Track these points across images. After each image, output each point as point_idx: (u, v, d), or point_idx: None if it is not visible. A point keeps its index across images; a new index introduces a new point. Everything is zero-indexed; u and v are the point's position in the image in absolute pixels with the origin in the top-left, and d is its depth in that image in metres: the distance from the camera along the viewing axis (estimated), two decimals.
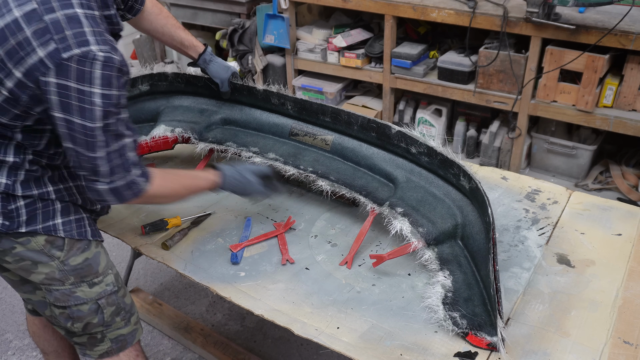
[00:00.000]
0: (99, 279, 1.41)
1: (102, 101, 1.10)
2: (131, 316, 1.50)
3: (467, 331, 1.29)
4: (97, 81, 1.09)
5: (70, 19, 1.08)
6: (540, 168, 3.15)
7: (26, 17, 1.06)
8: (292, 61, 3.62)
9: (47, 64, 1.06)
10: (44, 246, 1.31)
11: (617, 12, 2.63)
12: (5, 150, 1.22)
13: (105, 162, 1.17)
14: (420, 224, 1.50)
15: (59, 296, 1.37)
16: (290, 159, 1.77)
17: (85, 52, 1.07)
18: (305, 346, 2.25)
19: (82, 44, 1.07)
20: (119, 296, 1.45)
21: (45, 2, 1.07)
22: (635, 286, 1.44)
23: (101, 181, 1.20)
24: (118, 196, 1.24)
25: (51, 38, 1.06)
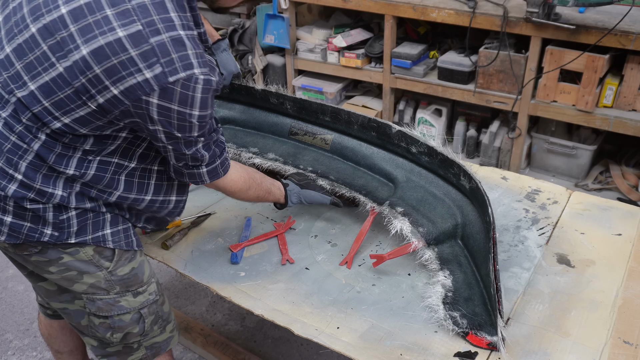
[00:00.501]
0: (144, 288, 1.39)
1: (199, 121, 1.15)
2: (167, 324, 1.48)
3: (467, 331, 1.29)
4: (197, 104, 1.12)
5: (175, 42, 1.07)
6: (540, 168, 3.15)
7: (131, 38, 1.04)
8: (292, 61, 3.62)
9: (153, 85, 1.06)
10: (92, 257, 1.30)
11: (617, 12, 2.63)
12: (68, 161, 1.19)
13: (205, 151, 1.25)
14: (420, 224, 1.50)
15: (102, 305, 1.35)
16: (289, 158, 1.77)
17: (190, 76, 1.08)
18: (305, 346, 2.25)
19: (187, 67, 1.08)
20: (159, 304, 1.44)
21: (151, 24, 1.06)
22: (635, 286, 1.44)
23: (202, 165, 1.28)
24: (214, 175, 1.33)
25: (158, 61, 1.05)
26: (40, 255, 1.27)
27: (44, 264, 1.29)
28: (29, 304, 2.53)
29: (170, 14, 1.08)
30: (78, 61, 1.05)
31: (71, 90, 1.08)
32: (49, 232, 1.23)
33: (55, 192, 1.20)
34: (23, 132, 1.15)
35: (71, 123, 1.12)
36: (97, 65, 1.05)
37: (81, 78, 1.06)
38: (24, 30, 1.10)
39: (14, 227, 1.21)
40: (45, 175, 1.19)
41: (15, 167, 1.17)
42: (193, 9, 1.17)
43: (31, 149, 1.16)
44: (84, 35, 1.05)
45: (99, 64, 1.05)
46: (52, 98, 1.10)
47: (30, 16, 1.09)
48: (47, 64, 1.08)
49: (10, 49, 1.12)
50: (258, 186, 1.50)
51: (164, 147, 1.20)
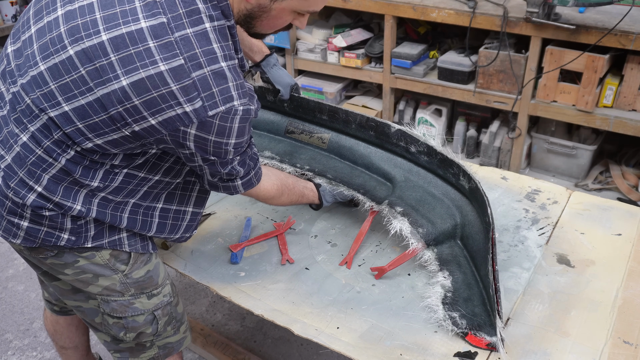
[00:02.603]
0: (158, 290, 1.39)
1: (235, 148, 1.17)
2: (181, 325, 1.48)
3: (466, 331, 1.29)
4: (234, 134, 1.13)
5: (216, 75, 1.07)
6: (540, 168, 3.15)
7: (173, 72, 1.03)
8: (292, 61, 3.62)
9: (192, 118, 1.06)
10: (108, 260, 1.29)
11: (617, 12, 2.63)
12: (94, 174, 1.17)
13: (240, 167, 1.26)
14: (419, 224, 1.50)
15: (116, 307, 1.35)
16: (286, 157, 1.77)
17: (229, 109, 1.08)
18: (305, 346, 2.24)
19: (226, 100, 1.08)
20: (173, 305, 1.44)
21: (193, 57, 1.04)
22: (635, 286, 1.44)
23: (237, 177, 1.29)
24: (248, 185, 1.34)
25: (198, 95, 1.05)
26: (56, 258, 1.27)
27: (59, 267, 1.29)
28: (29, 304, 2.53)
29: (213, 45, 1.07)
30: (117, 91, 1.04)
31: (107, 116, 1.07)
32: (65, 236, 1.22)
33: (74, 207, 1.18)
34: (51, 147, 1.13)
35: (103, 144, 1.12)
36: (136, 97, 1.04)
37: (118, 107, 1.05)
38: (61, 51, 1.08)
39: (30, 232, 1.20)
40: (67, 188, 1.17)
41: (37, 179, 1.15)
42: (233, 36, 1.16)
43: (58, 162, 1.14)
44: (124, 66, 1.03)
45: (138, 95, 1.04)
46: (86, 121, 1.09)
47: (68, 37, 1.07)
48: (84, 88, 1.07)
49: (45, 67, 1.10)
50: (290, 191, 1.51)
51: (200, 166, 1.21)
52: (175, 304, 1.45)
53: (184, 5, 1.06)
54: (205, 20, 1.07)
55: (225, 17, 1.12)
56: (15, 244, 1.26)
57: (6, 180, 1.17)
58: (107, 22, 1.05)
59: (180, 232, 1.41)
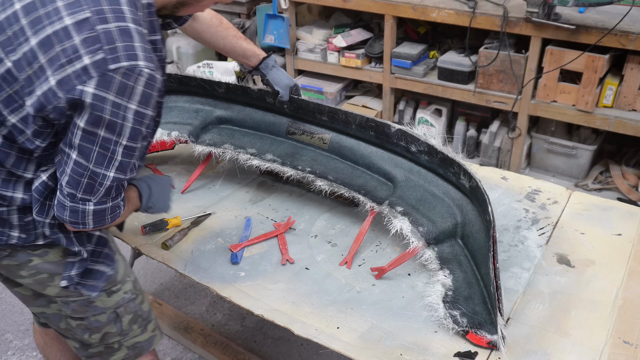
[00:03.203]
0: (117, 287, 1.37)
1: (134, 118, 1.08)
2: (148, 323, 1.47)
3: (467, 329, 1.29)
4: (137, 97, 1.06)
5: (122, 31, 1.04)
6: (540, 168, 3.15)
7: (78, 25, 1.02)
8: (292, 61, 3.62)
9: (91, 72, 1.02)
10: (62, 257, 1.28)
11: (617, 12, 2.63)
12: (26, 165, 1.16)
13: (108, 183, 1.13)
14: (420, 223, 1.50)
15: (76, 307, 1.33)
16: (288, 159, 1.77)
17: (133, 66, 1.04)
18: (305, 346, 2.24)
19: (131, 57, 1.04)
20: (137, 303, 1.42)
21: (100, 12, 1.04)
22: (635, 286, 1.44)
23: (91, 201, 1.14)
24: (99, 219, 1.18)
25: (101, 48, 1.02)
26: (11, 258, 1.26)
27: (15, 268, 1.28)
28: None
29: (122, 7, 1.07)
30: (27, 52, 1.04)
31: (18, 85, 1.06)
32: (15, 234, 1.21)
33: (15, 196, 1.17)
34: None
35: (18, 122, 1.09)
36: (42, 55, 1.03)
37: (27, 70, 1.05)
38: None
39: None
40: (4, 180, 1.16)
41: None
42: (151, 14, 1.16)
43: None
44: (34, 26, 1.04)
45: (44, 53, 1.03)
46: (0, 95, 1.08)
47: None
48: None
49: None
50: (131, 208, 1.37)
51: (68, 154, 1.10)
52: (140, 301, 1.44)
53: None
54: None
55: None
56: None
57: None
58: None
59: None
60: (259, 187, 1.93)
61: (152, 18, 1.16)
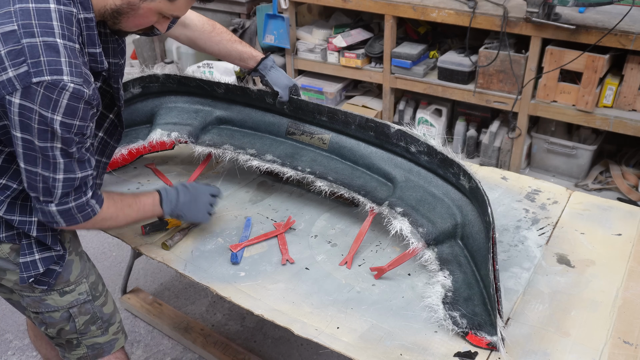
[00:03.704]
0: (71, 287, 1.39)
1: (62, 128, 1.11)
2: (110, 326, 1.48)
3: (467, 330, 1.29)
4: (61, 109, 1.09)
5: (47, 47, 1.07)
6: (540, 168, 3.15)
7: (4, 36, 1.06)
8: (292, 61, 3.62)
9: (15, 84, 1.05)
10: (9, 254, 1.30)
11: (617, 12, 2.63)
12: None
13: (60, 184, 1.18)
14: (420, 224, 1.50)
15: (30, 302, 1.37)
16: (287, 159, 1.77)
17: (56, 81, 1.07)
18: (305, 346, 2.24)
19: (54, 72, 1.07)
20: (96, 305, 1.44)
21: (27, 26, 1.07)
22: (635, 286, 1.44)
23: (53, 202, 1.20)
24: (68, 218, 1.23)
25: (25, 61, 1.05)
26: None
27: None
28: None
29: (53, 22, 1.09)
30: None
31: None
32: None
33: None
34: None
35: None
36: None
37: None
38: None
39: None
40: None
41: None
42: (90, 28, 1.18)
43: None
44: None
45: None
46: None
47: None
48: None
49: None
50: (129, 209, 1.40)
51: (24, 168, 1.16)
52: (100, 304, 1.45)
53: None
54: (51, 2, 1.10)
55: (84, 9, 1.15)
56: None
57: None
58: None
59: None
60: (259, 187, 1.93)
61: (91, 32, 1.19)
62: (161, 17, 1.25)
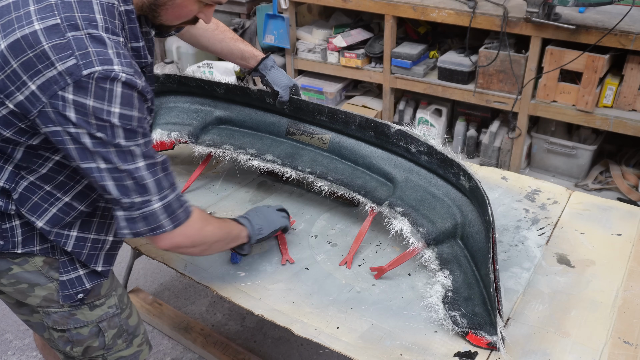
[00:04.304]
0: (101, 301, 1.33)
1: (122, 122, 1.04)
2: (134, 338, 1.43)
3: (467, 330, 1.29)
4: (117, 99, 1.03)
5: (93, 39, 1.03)
6: (540, 168, 3.15)
7: (47, 31, 1.01)
8: (292, 61, 3.62)
9: (66, 78, 1.00)
10: (41, 267, 1.25)
11: (617, 12, 2.63)
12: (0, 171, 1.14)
13: (147, 172, 1.09)
14: (420, 224, 1.50)
15: (57, 319, 1.30)
16: (287, 160, 1.77)
17: (107, 71, 1.01)
18: (305, 346, 2.24)
19: (104, 62, 1.01)
20: (122, 318, 1.39)
21: (70, 18, 1.02)
22: (635, 286, 1.44)
23: (152, 200, 1.11)
24: (173, 216, 1.14)
25: (72, 54, 1.00)
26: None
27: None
28: None
29: (95, 15, 1.05)
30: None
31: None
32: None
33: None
34: None
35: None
36: (14, 60, 1.02)
37: (0, 74, 1.04)
38: None
39: None
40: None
41: None
42: (131, 21, 1.14)
43: None
44: (4, 30, 1.03)
45: (15, 57, 1.02)
46: None
47: None
48: None
49: None
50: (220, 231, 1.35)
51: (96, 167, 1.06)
52: (126, 316, 1.40)
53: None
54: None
55: (124, 1, 1.11)
56: None
57: None
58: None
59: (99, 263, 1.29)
60: (259, 187, 1.93)
61: (133, 25, 1.15)
62: (202, 6, 1.18)
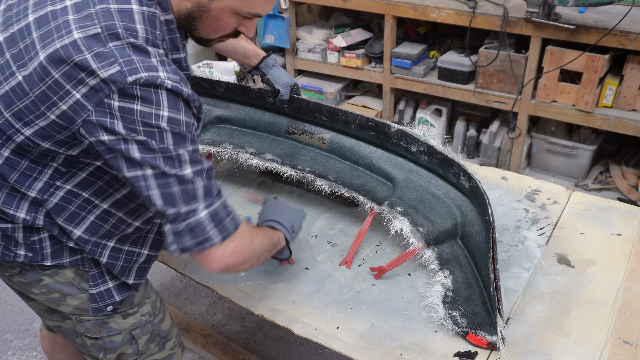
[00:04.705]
0: (134, 309, 1.32)
1: (171, 125, 1.01)
2: (167, 342, 1.41)
3: (467, 330, 1.29)
4: (165, 103, 1.00)
5: (136, 48, 1.00)
6: (540, 168, 3.15)
7: (87, 40, 0.98)
8: (292, 61, 3.62)
9: (111, 86, 0.97)
10: (72, 279, 1.23)
11: (617, 12, 2.63)
12: (32, 183, 1.11)
13: (197, 181, 1.05)
14: (420, 224, 1.50)
15: (90, 327, 1.29)
16: (287, 159, 1.77)
17: (153, 78, 0.98)
18: (305, 346, 2.24)
19: (149, 69, 0.98)
20: (155, 323, 1.37)
21: (111, 27, 0.99)
22: (635, 286, 1.44)
23: (199, 208, 1.06)
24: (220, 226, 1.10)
25: (115, 61, 0.97)
26: (21, 276, 1.22)
27: (26, 286, 1.24)
28: None
29: (137, 25, 1.01)
30: (37, 68, 1.00)
31: (29, 100, 1.02)
32: (22, 252, 1.16)
33: (18, 215, 1.12)
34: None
35: (32, 136, 1.05)
36: (55, 70, 0.99)
37: (41, 85, 1.00)
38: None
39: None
40: (9, 195, 1.12)
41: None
42: (172, 31, 1.10)
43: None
44: (43, 40, 1.00)
45: (56, 68, 0.98)
46: (12, 109, 1.04)
47: (1, 26, 1.07)
48: (7, 73, 1.03)
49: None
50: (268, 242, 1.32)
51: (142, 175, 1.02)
52: (159, 320, 1.38)
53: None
54: (133, 2, 1.02)
55: (163, 10, 1.07)
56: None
57: None
58: (36, 5, 1.04)
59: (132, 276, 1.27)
60: (259, 187, 1.93)
61: (174, 35, 1.10)
62: (241, 18, 1.12)
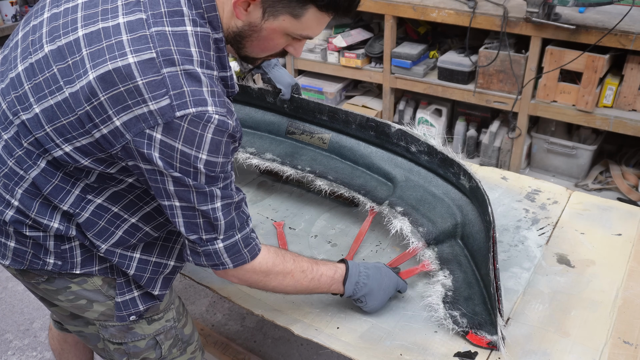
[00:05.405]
0: (159, 315, 1.32)
1: (207, 168, 1.02)
2: (188, 346, 1.41)
3: (467, 330, 1.29)
4: (206, 146, 0.99)
5: (189, 76, 0.97)
6: (540, 168, 3.15)
7: (141, 65, 0.95)
8: (292, 61, 3.62)
9: (158, 119, 0.96)
10: (100, 287, 1.23)
11: (617, 12, 2.63)
12: (65, 196, 1.10)
13: (221, 213, 1.07)
14: (420, 224, 1.50)
15: (115, 332, 1.29)
16: (287, 158, 1.77)
17: (201, 113, 0.97)
18: (305, 346, 2.24)
19: (199, 103, 0.97)
20: (179, 328, 1.37)
21: (166, 53, 0.96)
22: (635, 286, 1.44)
23: (218, 239, 1.10)
24: (236, 256, 1.13)
25: (167, 93, 0.95)
26: (48, 284, 1.22)
27: (52, 293, 1.24)
28: (29, 304, 2.53)
29: (191, 49, 0.99)
30: (84, 87, 0.97)
31: (74, 117, 1.00)
32: (51, 261, 1.16)
33: (51, 225, 1.12)
34: (22, 157, 1.07)
35: (72, 152, 1.04)
36: (102, 92, 0.96)
37: (86, 105, 0.98)
38: (38, 50, 1.04)
39: (17, 253, 1.16)
40: (42, 204, 1.11)
41: (12, 192, 1.10)
42: (220, 50, 1.08)
43: (28, 175, 1.08)
44: (94, 59, 0.97)
45: (104, 90, 0.96)
46: (54, 123, 1.02)
47: (47, 37, 1.03)
48: (54, 87, 1.01)
49: (22, 68, 1.06)
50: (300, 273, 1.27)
51: (171, 205, 1.06)
52: (182, 325, 1.39)
53: (167, 5, 1.00)
54: (187, 23, 1.00)
55: (214, 29, 1.05)
56: (5, 265, 1.21)
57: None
58: (86, 19, 1.01)
59: (157, 287, 1.27)
60: (259, 187, 1.93)
61: (222, 54, 1.09)
62: (291, 39, 1.11)
